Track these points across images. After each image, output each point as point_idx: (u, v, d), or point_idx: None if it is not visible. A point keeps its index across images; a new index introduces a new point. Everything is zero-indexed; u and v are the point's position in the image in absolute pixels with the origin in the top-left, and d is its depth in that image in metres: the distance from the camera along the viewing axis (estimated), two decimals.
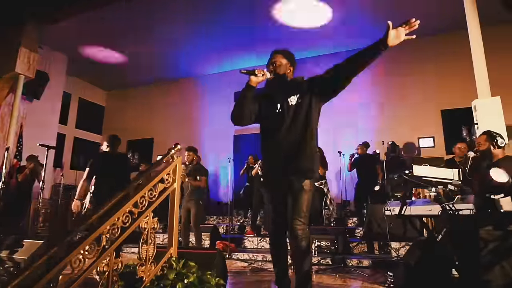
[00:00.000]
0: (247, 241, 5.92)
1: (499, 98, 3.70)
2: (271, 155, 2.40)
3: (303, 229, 2.21)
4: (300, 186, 2.25)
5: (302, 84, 2.39)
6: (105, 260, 1.75)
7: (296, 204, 2.23)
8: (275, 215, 2.42)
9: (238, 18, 7.95)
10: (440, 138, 8.35)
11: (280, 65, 2.40)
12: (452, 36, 8.13)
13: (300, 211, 2.22)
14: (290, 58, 2.46)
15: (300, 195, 2.23)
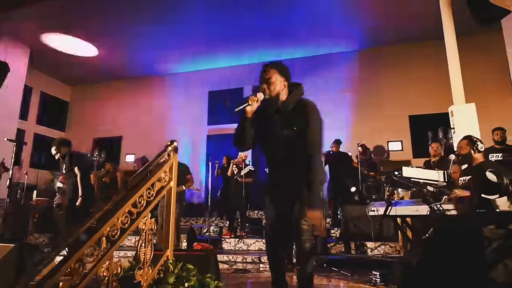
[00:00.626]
0: (224, 242, 5.83)
1: (474, 104, 3.92)
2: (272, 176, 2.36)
3: (308, 230, 2.18)
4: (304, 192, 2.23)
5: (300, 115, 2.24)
6: (105, 264, 1.63)
7: (303, 206, 2.19)
8: (276, 218, 2.37)
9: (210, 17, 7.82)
10: (407, 142, 8.72)
11: (275, 83, 2.24)
12: (421, 45, 8.57)
13: (304, 214, 2.19)
14: (285, 72, 2.30)
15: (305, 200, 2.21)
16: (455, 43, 4.26)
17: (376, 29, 8.24)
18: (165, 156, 2.24)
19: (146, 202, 1.96)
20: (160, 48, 9.09)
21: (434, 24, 7.26)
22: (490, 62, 7.88)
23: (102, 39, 8.58)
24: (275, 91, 2.25)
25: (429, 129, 8.17)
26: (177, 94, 10.42)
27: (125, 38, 8.58)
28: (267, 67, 2.30)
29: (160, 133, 10.06)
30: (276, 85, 2.25)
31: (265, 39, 8.78)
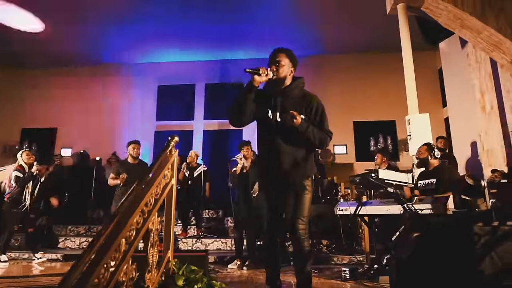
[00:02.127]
0: (181, 242, 5.63)
1: (428, 114, 4.37)
2: (270, 159, 2.35)
3: (305, 229, 2.23)
4: (303, 185, 2.27)
5: (307, 106, 2.33)
6: (124, 268, 1.49)
7: (299, 204, 2.24)
8: (272, 215, 2.39)
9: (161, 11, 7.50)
10: (351, 146, 9.31)
11: (284, 66, 2.32)
12: (369, 56, 9.22)
13: (302, 212, 2.23)
14: (293, 59, 2.38)
15: (303, 195, 2.25)
16: (411, 58, 4.70)
17: (327, 37, 8.66)
18: (167, 152, 2.12)
19: (154, 201, 1.83)
20: (107, 36, 8.44)
21: (382, 38, 7.96)
22: (425, 77, 8.81)
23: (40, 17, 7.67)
24: (283, 74, 2.32)
25: (371, 135, 8.86)
26: (123, 86, 9.76)
27: (70, 21, 7.80)
28: (277, 51, 2.38)
29: (102, 127, 9.35)
30: (284, 68, 2.33)
31: (218, 38, 8.69)
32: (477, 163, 5.74)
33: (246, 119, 2.34)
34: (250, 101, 2.28)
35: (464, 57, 6.06)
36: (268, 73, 2.24)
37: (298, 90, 2.39)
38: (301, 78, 2.45)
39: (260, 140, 2.45)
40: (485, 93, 5.47)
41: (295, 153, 2.29)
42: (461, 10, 4.52)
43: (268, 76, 2.25)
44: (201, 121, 9.64)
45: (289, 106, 2.29)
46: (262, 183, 2.48)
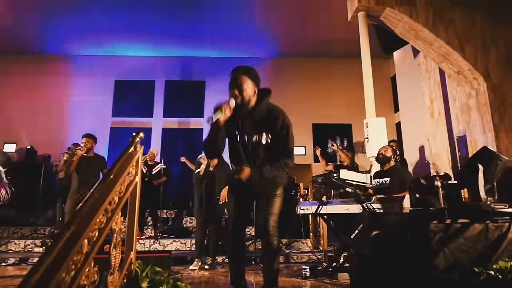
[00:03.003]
0: (138, 244, 5.41)
1: (384, 118, 4.61)
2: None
3: (275, 226, 2.24)
4: (274, 190, 2.29)
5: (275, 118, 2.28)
6: (86, 271, 1.39)
7: (270, 204, 2.26)
8: (238, 215, 2.38)
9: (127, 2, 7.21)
10: (310, 147, 9.56)
11: (247, 89, 2.24)
12: (329, 62, 9.53)
13: (273, 211, 2.25)
14: (255, 79, 2.31)
15: (273, 197, 2.28)
16: (370, 65, 4.92)
17: (288, 40, 8.81)
18: (132, 149, 2.02)
19: (118, 199, 1.74)
20: (61, 25, 7.91)
21: (342, 44, 8.27)
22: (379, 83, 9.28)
23: None
24: (247, 97, 2.25)
25: (329, 137, 9.16)
26: (78, 79, 9.20)
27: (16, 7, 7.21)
28: (238, 72, 2.28)
29: (52, 120, 8.75)
30: (247, 92, 2.25)
31: (179, 35, 8.52)
32: (425, 165, 6.15)
33: (219, 153, 2.33)
34: (221, 138, 2.25)
35: (416, 66, 6.47)
36: (231, 106, 2.19)
37: (264, 108, 2.31)
38: (266, 94, 2.36)
39: (230, 154, 2.44)
40: (434, 100, 5.88)
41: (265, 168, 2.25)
42: (416, 22, 4.82)
43: (231, 107, 2.19)
44: (160, 119, 9.38)
45: (256, 126, 2.28)
46: (231, 184, 2.46)
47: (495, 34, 4.89)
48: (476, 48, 4.81)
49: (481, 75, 4.74)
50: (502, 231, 2.16)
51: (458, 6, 4.93)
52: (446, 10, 4.92)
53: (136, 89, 9.39)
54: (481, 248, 2.10)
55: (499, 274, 1.94)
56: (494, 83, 4.74)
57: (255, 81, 2.31)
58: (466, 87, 5.07)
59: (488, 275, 1.94)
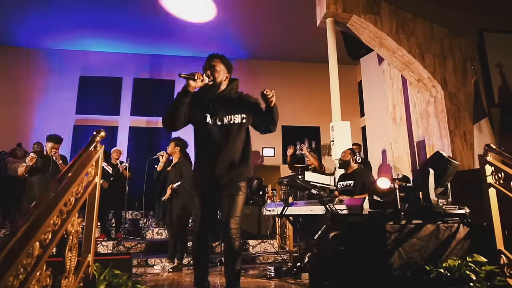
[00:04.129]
0: (100, 246, 5.25)
1: (349, 122, 4.75)
2: (208, 161, 2.34)
3: (237, 229, 2.25)
4: (238, 186, 2.30)
5: (246, 104, 2.38)
6: (37, 275, 1.34)
7: (232, 205, 2.26)
8: (204, 215, 2.36)
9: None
10: (279, 149, 9.67)
11: (219, 71, 2.34)
12: (298, 66, 9.70)
13: (235, 213, 2.25)
14: (228, 65, 2.41)
15: (237, 196, 2.28)
16: (337, 70, 5.06)
17: (259, 42, 8.88)
18: (91, 148, 1.96)
19: (74, 200, 1.68)
20: (20, 16, 7.50)
21: (311, 49, 8.45)
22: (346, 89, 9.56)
23: None
24: (218, 79, 2.34)
25: (297, 140, 9.33)
26: (40, 74, 8.77)
27: None
28: (213, 56, 2.38)
29: (11, 116, 8.28)
30: (220, 74, 2.34)
31: (150, 32, 8.35)
32: (388, 168, 6.40)
33: (180, 123, 2.30)
34: (185, 105, 2.25)
35: (380, 73, 6.73)
36: (204, 79, 2.24)
37: (233, 92, 2.42)
38: (236, 81, 2.48)
39: (197, 143, 2.43)
40: (396, 106, 6.15)
41: (233, 156, 2.31)
42: (380, 30, 5.02)
43: (204, 81, 2.24)
44: (127, 117, 9.13)
45: (228, 108, 2.32)
46: (197, 184, 2.44)
47: (452, 45, 5.19)
48: (435, 58, 5.08)
49: (439, 83, 5.01)
50: (452, 231, 2.30)
51: (419, 17, 5.18)
52: (409, 21, 5.16)
53: (103, 86, 9.09)
54: (433, 247, 2.23)
55: (448, 272, 2.06)
56: (451, 91, 5.03)
57: (228, 68, 2.40)
58: (426, 94, 5.34)
59: (438, 273, 2.05)
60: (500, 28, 5.38)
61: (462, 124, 4.93)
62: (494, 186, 2.24)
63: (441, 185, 2.44)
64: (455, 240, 2.26)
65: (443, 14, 5.08)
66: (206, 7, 7.36)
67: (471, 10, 5.05)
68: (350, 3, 5.03)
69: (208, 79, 2.27)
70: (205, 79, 2.24)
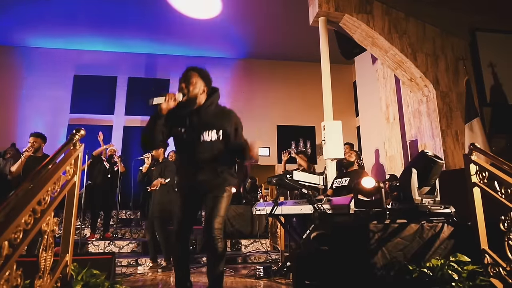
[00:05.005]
0: (91, 245, 5.22)
1: (341, 122, 4.73)
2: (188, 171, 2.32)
3: (220, 229, 2.22)
4: (222, 190, 2.27)
5: (225, 122, 2.30)
6: (6, 275, 1.31)
7: (216, 206, 2.22)
8: (184, 215, 2.34)
9: None
10: (274, 148, 9.65)
11: (195, 84, 2.26)
12: (294, 65, 9.68)
13: (218, 213, 2.22)
14: (206, 78, 2.32)
15: (221, 198, 2.25)
16: (329, 69, 5.04)
17: (255, 42, 8.87)
18: (70, 146, 1.94)
19: (50, 199, 1.66)
20: (16, 12, 7.45)
21: (306, 48, 8.42)
22: (341, 88, 9.57)
23: None
24: (193, 93, 2.26)
25: (292, 139, 9.32)
26: (32, 72, 8.73)
27: None
28: (189, 69, 2.32)
29: (6, 115, 8.24)
30: (196, 88, 2.26)
31: (146, 31, 8.33)
32: (381, 167, 6.39)
33: (157, 143, 2.29)
34: (160, 127, 2.21)
35: (374, 72, 6.72)
36: (176, 98, 2.19)
37: (213, 106, 2.33)
38: (216, 93, 2.38)
39: (178, 152, 2.42)
40: (390, 105, 6.14)
41: (214, 166, 2.27)
42: (372, 29, 5.01)
43: (177, 100, 2.19)
44: (122, 116, 9.10)
45: (206, 123, 2.27)
46: (180, 185, 2.43)
47: (444, 45, 5.18)
48: (427, 57, 5.07)
49: (431, 82, 5.01)
50: (436, 230, 2.29)
51: (411, 16, 5.17)
52: (401, 20, 5.15)
53: (97, 85, 9.06)
54: (416, 247, 2.22)
55: (430, 271, 2.05)
56: (443, 90, 5.02)
57: (206, 81, 2.32)
58: (418, 94, 5.33)
59: (420, 273, 2.04)
60: (492, 28, 5.37)
61: (454, 124, 4.92)
62: (478, 185, 2.22)
63: (426, 185, 2.42)
64: (439, 239, 2.25)
65: (435, 13, 5.07)
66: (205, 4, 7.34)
67: (464, 10, 5.04)
68: (343, 2, 5.02)
69: (182, 96, 2.22)
70: (177, 98, 2.18)
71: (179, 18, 7.70)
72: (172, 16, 7.65)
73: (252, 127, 9.32)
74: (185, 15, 7.60)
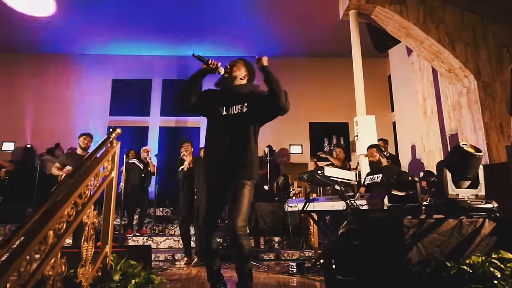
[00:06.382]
0: (131, 241, 5.47)
1: (374, 116, 4.61)
2: (216, 153, 2.35)
3: (244, 226, 2.21)
4: (242, 185, 2.27)
5: (254, 93, 2.36)
6: (51, 262, 1.42)
7: (238, 203, 2.21)
8: (210, 213, 2.37)
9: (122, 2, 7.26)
10: (306, 146, 9.56)
11: (238, 69, 2.39)
12: (325, 61, 9.54)
13: (241, 210, 2.20)
14: (250, 68, 2.44)
15: (242, 195, 2.23)
16: (361, 63, 4.93)
17: (284, 39, 8.82)
18: (108, 144, 2.05)
19: (90, 193, 1.77)
20: (60, 24, 7.97)
21: (339, 43, 8.26)
22: (376, 83, 9.30)
23: None
24: (235, 73, 2.38)
25: (325, 136, 9.17)
26: (75, 78, 9.28)
27: None
28: (240, 58, 2.47)
29: (49, 119, 8.82)
30: (237, 70, 2.39)
31: (179, 33, 8.56)
32: (419, 163, 6.15)
33: (189, 100, 2.37)
34: (197, 83, 2.37)
35: (409, 64, 6.47)
36: (218, 67, 2.31)
37: (245, 86, 2.40)
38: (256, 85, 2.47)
39: (208, 136, 2.46)
40: (427, 99, 5.88)
41: (241, 152, 2.28)
42: (406, 20, 4.83)
43: (218, 69, 2.31)
44: (157, 117, 9.42)
45: (236, 99, 2.32)
46: (206, 177, 2.47)
47: (485, 32, 4.89)
48: (466, 46, 4.81)
49: (472, 73, 4.74)
50: (476, 226, 2.17)
51: (448, 4, 4.92)
52: (437, 9, 4.92)
53: (133, 88, 9.45)
54: (454, 243, 2.12)
55: (470, 268, 1.95)
56: (485, 81, 4.74)
57: (249, 70, 2.45)
58: (458, 85, 5.07)
59: (459, 270, 1.95)
60: None
61: (498, 115, 4.63)
62: None
63: (465, 179, 2.31)
64: (479, 235, 2.14)
65: (474, 0, 4.79)
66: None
67: None
68: None
69: (225, 71, 2.33)
70: (220, 68, 2.31)
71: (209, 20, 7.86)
72: (202, 19, 7.82)
73: (283, 125, 9.31)
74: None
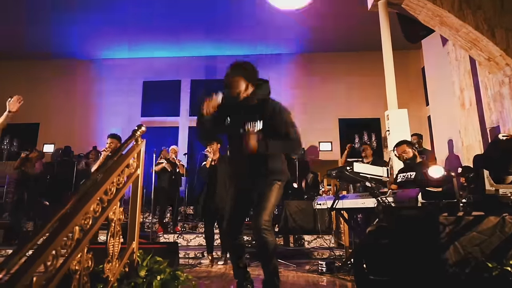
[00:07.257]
0: (162, 238, 5.58)
1: (406, 110, 4.41)
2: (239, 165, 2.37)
3: (269, 221, 2.17)
4: (271, 184, 2.24)
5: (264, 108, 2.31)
6: (78, 257, 1.45)
7: (264, 200, 2.19)
8: (233, 213, 2.36)
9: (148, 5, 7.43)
10: (336, 143, 9.35)
11: (236, 87, 2.28)
12: (354, 56, 9.29)
13: (267, 207, 2.18)
14: (249, 76, 2.30)
15: (269, 192, 2.22)
16: (391, 55, 4.73)
17: (313, 35, 8.67)
18: (133, 141, 2.08)
19: (116, 190, 1.80)
20: (91, 31, 8.33)
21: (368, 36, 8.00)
22: (408, 76, 8.93)
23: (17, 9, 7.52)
24: (236, 91, 2.29)
25: (356, 132, 8.91)
26: (107, 82, 9.64)
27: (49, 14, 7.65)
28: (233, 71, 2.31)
29: (85, 122, 9.24)
30: (237, 87, 2.28)
31: (205, 33, 8.65)
32: (456, 159, 5.82)
33: (212, 137, 2.41)
34: (209, 123, 2.32)
35: (445, 55, 6.13)
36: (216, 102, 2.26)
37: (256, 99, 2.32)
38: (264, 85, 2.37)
39: (228, 145, 2.49)
40: (464, 90, 5.55)
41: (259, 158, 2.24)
42: (440, 8, 4.57)
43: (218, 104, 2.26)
44: (186, 117, 9.59)
45: (247, 116, 2.28)
46: (231, 175, 2.47)
47: None
48: (507, 32, 4.47)
49: None
50: None
51: None
52: None
53: (163, 89, 9.68)
54: (497, 242, 1.96)
55: None
56: None
57: (248, 78, 2.30)
58: (498, 75, 4.73)
59: (502, 271, 1.80)
60: None
61: None
62: None
63: (507, 173, 2.13)
64: None
65: None
66: None
67: None
68: None
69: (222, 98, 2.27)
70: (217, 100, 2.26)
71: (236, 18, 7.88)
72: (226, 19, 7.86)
73: (312, 122, 9.16)
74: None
